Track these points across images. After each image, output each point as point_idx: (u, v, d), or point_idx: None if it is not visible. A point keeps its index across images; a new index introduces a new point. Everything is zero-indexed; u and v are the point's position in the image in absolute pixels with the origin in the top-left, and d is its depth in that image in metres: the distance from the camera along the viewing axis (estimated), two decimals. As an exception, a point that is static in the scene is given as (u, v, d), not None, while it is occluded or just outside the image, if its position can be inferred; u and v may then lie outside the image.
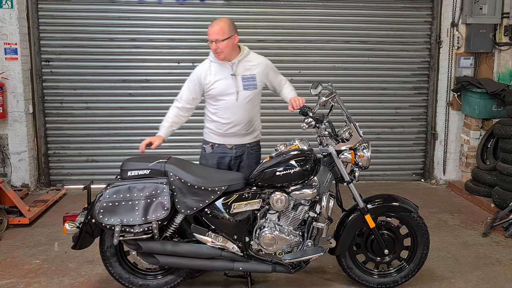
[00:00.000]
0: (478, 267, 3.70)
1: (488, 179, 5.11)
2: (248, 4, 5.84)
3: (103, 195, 2.89)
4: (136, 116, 5.89)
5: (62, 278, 3.52)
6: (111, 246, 3.08)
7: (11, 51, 5.38)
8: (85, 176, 5.91)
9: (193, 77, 3.38)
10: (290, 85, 3.53)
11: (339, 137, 3.13)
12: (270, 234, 3.02)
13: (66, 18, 5.69)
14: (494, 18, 5.66)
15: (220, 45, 3.22)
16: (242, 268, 3.10)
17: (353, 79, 6.01)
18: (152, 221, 2.86)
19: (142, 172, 2.99)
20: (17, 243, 4.15)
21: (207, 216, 3.03)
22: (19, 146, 5.52)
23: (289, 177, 3.02)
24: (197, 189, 2.98)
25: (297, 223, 3.10)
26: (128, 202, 2.87)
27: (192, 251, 3.04)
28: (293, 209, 3.09)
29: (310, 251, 3.06)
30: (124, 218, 2.85)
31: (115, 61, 5.81)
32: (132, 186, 2.91)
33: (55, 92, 5.80)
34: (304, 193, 3.03)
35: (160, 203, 2.88)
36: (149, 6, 5.76)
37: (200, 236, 3.02)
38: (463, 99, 5.76)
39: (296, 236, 3.10)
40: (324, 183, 3.08)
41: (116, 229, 2.82)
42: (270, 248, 3.05)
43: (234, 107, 3.29)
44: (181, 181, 2.97)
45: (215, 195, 3.00)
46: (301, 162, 3.03)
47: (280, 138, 5.80)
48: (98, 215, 2.85)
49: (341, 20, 5.96)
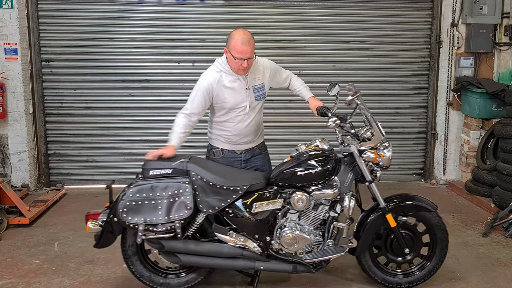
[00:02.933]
0: (478, 267, 3.70)
1: (488, 179, 5.10)
2: (248, 4, 5.84)
3: (126, 194, 2.88)
4: (136, 116, 5.89)
5: (62, 278, 3.52)
6: (133, 244, 3.09)
7: (11, 51, 5.38)
8: (85, 176, 5.92)
9: (203, 89, 3.17)
10: (298, 78, 3.54)
11: (360, 136, 3.13)
12: (291, 234, 3.03)
13: (66, 18, 5.69)
14: (494, 18, 5.66)
15: (250, 62, 3.12)
16: (263, 268, 3.11)
17: (353, 79, 5.97)
18: (175, 220, 2.86)
19: (164, 171, 2.99)
20: (17, 243, 4.15)
21: (228, 216, 3.03)
22: (19, 146, 5.52)
23: (310, 177, 3.03)
24: (219, 188, 2.98)
25: (317, 222, 3.11)
26: (151, 201, 2.87)
27: (213, 250, 3.05)
28: (314, 209, 3.09)
29: (331, 251, 3.07)
30: (148, 217, 2.85)
31: (115, 61, 5.81)
32: (155, 185, 2.90)
33: (55, 92, 5.80)
34: (325, 193, 3.04)
35: (183, 203, 2.87)
36: (149, 6, 5.76)
37: (222, 235, 3.03)
38: (463, 99, 5.76)
39: (317, 236, 3.11)
40: (345, 183, 3.08)
41: (139, 228, 2.83)
42: (291, 247, 3.06)
43: (244, 120, 3.27)
44: (203, 180, 2.97)
45: (237, 195, 3.00)
46: (322, 162, 3.04)
47: (282, 138, 5.82)
48: (121, 214, 2.85)
49: (341, 20, 5.95)
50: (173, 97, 5.86)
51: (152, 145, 5.89)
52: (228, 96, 3.19)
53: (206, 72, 3.25)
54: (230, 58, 3.10)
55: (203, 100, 3.19)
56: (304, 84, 3.55)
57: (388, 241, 3.25)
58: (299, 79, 3.56)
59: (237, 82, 3.19)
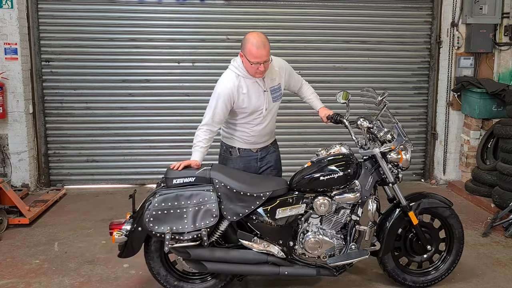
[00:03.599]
0: (478, 267, 3.70)
1: (488, 179, 5.10)
2: (248, 4, 5.84)
3: (152, 204, 2.88)
4: (136, 116, 5.89)
5: (62, 278, 3.52)
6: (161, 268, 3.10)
7: (11, 51, 5.38)
8: (85, 176, 5.92)
9: (224, 96, 3.12)
10: (309, 85, 3.55)
11: (381, 139, 3.14)
12: (314, 238, 3.05)
13: (66, 18, 5.69)
14: (494, 18, 5.66)
15: (267, 65, 3.09)
16: (288, 273, 3.12)
17: (353, 79, 6.00)
18: (201, 228, 2.86)
19: (187, 180, 2.98)
20: (17, 243, 4.15)
21: (252, 222, 3.04)
22: (19, 146, 5.52)
23: (332, 182, 3.04)
24: (242, 195, 2.98)
25: (339, 226, 3.13)
26: (176, 210, 2.87)
27: (239, 257, 3.06)
28: (335, 213, 3.11)
29: (355, 254, 3.09)
30: (174, 226, 2.85)
31: (115, 61, 5.81)
32: (179, 194, 2.90)
33: (55, 92, 5.79)
34: (346, 197, 3.05)
35: (208, 210, 2.87)
36: (149, 6, 5.76)
37: (246, 241, 3.04)
38: (463, 99, 5.76)
39: (339, 240, 3.12)
40: (366, 187, 3.10)
41: (166, 237, 2.82)
42: (315, 252, 3.08)
43: (263, 122, 3.27)
44: (227, 187, 2.97)
45: (260, 201, 3.01)
46: (343, 166, 3.06)
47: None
48: (148, 223, 2.84)
49: (341, 20, 5.95)
50: (173, 97, 5.87)
51: (152, 145, 5.91)
52: (248, 101, 3.17)
53: (223, 78, 3.19)
54: (246, 62, 3.07)
55: (225, 108, 3.15)
56: (315, 93, 3.55)
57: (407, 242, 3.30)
58: (310, 86, 3.55)
59: (255, 85, 3.17)
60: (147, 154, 5.92)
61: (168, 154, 5.89)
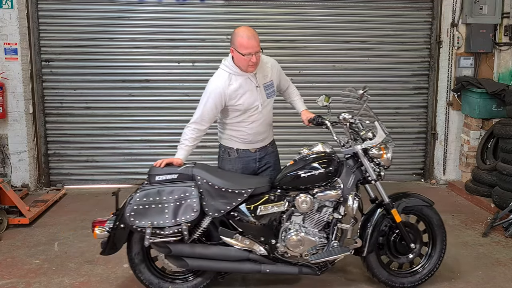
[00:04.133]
0: (478, 267, 3.70)
1: (488, 179, 5.10)
2: (248, 4, 5.84)
3: (133, 199, 2.90)
4: (136, 116, 5.89)
5: (62, 278, 3.52)
6: (139, 253, 3.11)
7: (11, 51, 5.38)
8: (85, 176, 5.92)
9: (214, 95, 3.13)
10: (294, 87, 3.59)
11: (362, 136, 3.16)
12: (296, 236, 3.05)
13: (66, 18, 5.69)
14: (494, 18, 5.66)
15: (258, 56, 3.11)
16: (269, 271, 3.12)
17: (353, 79, 6.00)
18: (182, 223, 2.87)
19: (170, 176, 3.01)
20: (17, 243, 4.15)
21: (234, 219, 3.05)
22: (19, 146, 5.52)
23: (313, 179, 3.05)
24: (224, 192, 3.00)
25: (321, 225, 3.13)
26: (158, 205, 2.89)
27: (220, 254, 3.07)
28: (318, 211, 3.11)
29: (337, 251, 3.10)
30: (155, 220, 2.86)
31: (115, 61, 5.81)
32: (161, 190, 2.92)
33: (55, 92, 5.79)
34: (328, 194, 3.06)
35: (189, 205, 2.89)
36: (149, 6, 5.76)
37: (228, 238, 3.05)
38: (463, 99, 5.76)
39: (322, 238, 3.12)
40: (348, 185, 3.11)
41: (147, 231, 2.84)
42: (296, 249, 3.08)
43: (259, 118, 3.27)
44: (209, 184, 2.99)
45: (242, 198, 3.02)
46: (324, 164, 3.07)
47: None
48: (129, 217, 2.86)
49: (341, 20, 5.95)
50: (173, 97, 5.87)
51: (152, 145, 5.91)
52: (241, 98, 3.17)
53: (214, 77, 3.22)
54: (238, 56, 3.09)
55: (214, 107, 3.16)
56: (300, 95, 3.59)
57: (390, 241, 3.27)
58: (296, 89, 3.60)
59: (247, 82, 3.18)
60: (147, 154, 5.92)
61: (168, 154, 5.74)
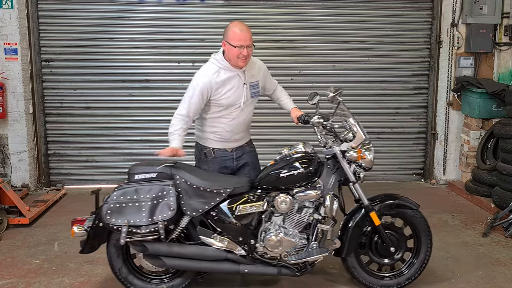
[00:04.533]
0: (478, 267, 3.70)
1: (488, 179, 5.10)
2: (248, 4, 5.84)
3: (111, 197, 2.90)
4: (136, 116, 5.89)
5: (62, 278, 3.52)
6: (122, 267, 3.12)
7: (11, 51, 5.38)
8: (85, 176, 5.92)
9: (200, 87, 3.12)
10: (282, 88, 3.59)
11: (342, 138, 3.14)
12: (275, 237, 3.03)
13: (66, 18, 5.69)
14: (494, 18, 5.66)
15: (250, 51, 3.12)
16: (248, 271, 3.11)
17: (353, 79, 6.01)
18: (158, 221, 2.86)
19: (149, 175, 3.00)
20: (17, 243, 4.15)
21: (213, 219, 3.04)
22: (19, 146, 5.52)
23: (293, 179, 3.03)
24: (202, 191, 2.99)
25: (302, 225, 3.11)
26: (135, 203, 2.88)
27: (198, 253, 3.05)
28: (298, 212, 3.10)
29: (315, 252, 3.08)
30: (131, 218, 2.85)
31: (115, 61, 5.81)
32: (139, 188, 2.92)
33: (55, 92, 5.79)
34: (307, 194, 3.05)
35: (166, 204, 2.88)
36: (149, 6, 5.76)
37: (206, 238, 3.04)
38: (463, 99, 5.76)
39: (302, 239, 3.11)
40: (328, 185, 3.09)
41: (123, 230, 2.83)
42: (276, 250, 3.06)
43: (239, 116, 3.26)
44: (187, 183, 2.98)
45: (220, 197, 3.01)
46: (304, 164, 3.05)
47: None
48: (105, 216, 2.86)
49: (341, 20, 5.95)
50: (173, 97, 5.83)
51: (152, 145, 5.91)
52: (227, 93, 3.17)
53: (202, 70, 3.21)
54: (229, 48, 3.10)
55: (201, 99, 3.14)
56: (288, 95, 3.57)
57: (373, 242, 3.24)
58: (284, 90, 3.59)
59: (236, 78, 3.18)
60: (147, 154, 5.91)
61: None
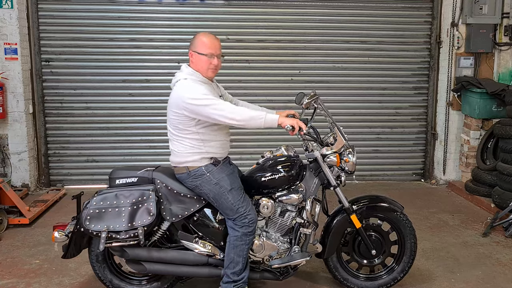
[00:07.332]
0: (478, 267, 3.70)
1: (488, 179, 5.10)
2: (248, 4, 5.84)
3: (90, 203, 2.88)
4: (136, 116, 5.89)
5: (62, 278, 3.52)
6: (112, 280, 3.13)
7: (11, 51, 5.38)
8: (85, 176, 5.92)
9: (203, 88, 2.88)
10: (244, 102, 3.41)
11: (324, 142, 3.13)
12: (257, 241, 3.01)
13: (66, 18, 5.70)
14: (494, 18, 5.66)
15: (219, 61, 2.98)
16: None
17: (353, 79, 6.01)
18: (138, 226, 2.83)
19: (130, 180, 2.98)
20: (17, 243, 4.15)
21: (194, 223, 3.01)
22: (19, 146, 5.52)
23: (275, 183, 3.01)
24: (183, 197, 2.96)
25: (284, 229, 3.09)
26: (114, 209, 2.85)
27: (178, 258, 3.02)
28: (280, 216, 3.07)
29: (297, 256, 3.06)
30: (111, 224, 2.82)
31: (115, 61, 5.81)
32: (119, 193, 2.89)
33: (55, 92, 5.80)
34: (290, 198, 3.03)
35: (146, 209, 2.85)
36: (149, 6, 5.76)
37: (188, 242, 3.00)
38: (463, 99, 5.76)
39: (284, 243, 3.09)
40: (310, 189, 3.09)
41: (102, 235, 2.80)
42: (258, 254, 3.04)
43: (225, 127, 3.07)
44: (168, 188, 2.96)
45: (201, 204, 2.98)
46: (286, 167, 3.03)
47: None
48: (85, 221, 2.84)
49: (341, 20, 5.96)
50: (173, 97, 5.86)
51: (152, 145, 5.92)
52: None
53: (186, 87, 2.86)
54: (198, 59, 2.91)
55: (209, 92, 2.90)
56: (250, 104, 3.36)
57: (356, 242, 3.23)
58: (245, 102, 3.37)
59: (213, 89, 3.02)
60: (147, 154, 5.92)
61: (168, 154, 5.84)
